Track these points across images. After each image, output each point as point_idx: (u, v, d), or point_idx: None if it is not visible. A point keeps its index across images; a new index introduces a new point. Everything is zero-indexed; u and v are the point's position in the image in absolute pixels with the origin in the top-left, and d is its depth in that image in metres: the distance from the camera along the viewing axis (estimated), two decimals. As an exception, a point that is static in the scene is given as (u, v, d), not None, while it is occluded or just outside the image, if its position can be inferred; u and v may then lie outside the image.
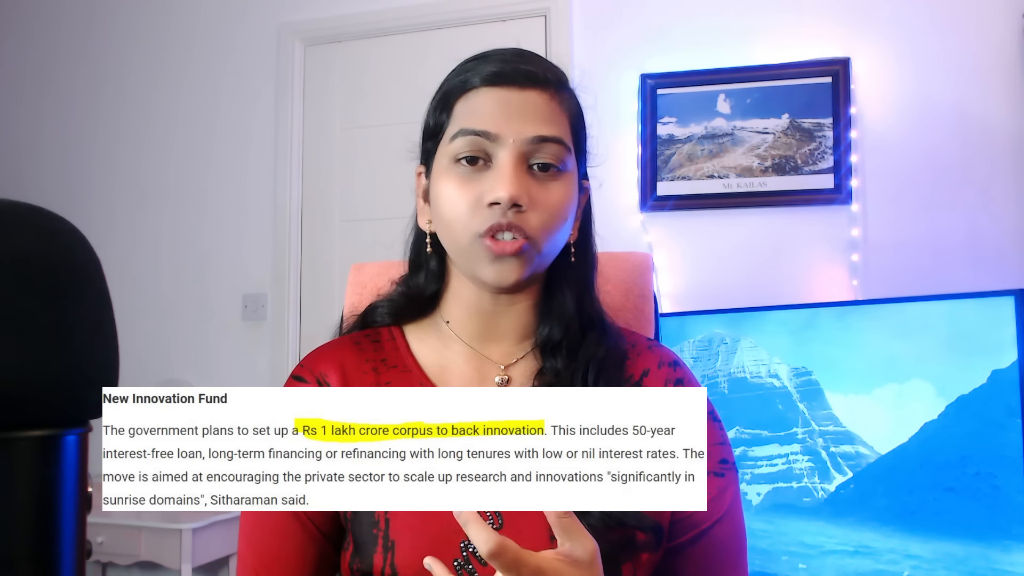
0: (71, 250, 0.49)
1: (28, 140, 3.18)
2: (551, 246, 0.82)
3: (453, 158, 0.81)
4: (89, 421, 0.50)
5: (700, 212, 2.44)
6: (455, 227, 0.80)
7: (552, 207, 0.80)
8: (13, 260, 0.46)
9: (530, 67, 0.82)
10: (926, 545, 1.61)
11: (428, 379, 0.86)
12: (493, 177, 0.79)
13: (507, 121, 0.79)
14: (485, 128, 0.79)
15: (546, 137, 0.80)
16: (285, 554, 0.82)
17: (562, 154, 0.81)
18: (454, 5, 2.72)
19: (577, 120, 0.86)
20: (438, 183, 0.83)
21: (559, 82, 0.84)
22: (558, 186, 0.81)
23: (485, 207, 0.78)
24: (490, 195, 0.78)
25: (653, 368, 0.88)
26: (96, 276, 0.51)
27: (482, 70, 0.82)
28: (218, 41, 2.99)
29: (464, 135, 0.80)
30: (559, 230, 0.81)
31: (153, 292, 2.96)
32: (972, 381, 1.59)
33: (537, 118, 0.80)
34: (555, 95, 0.82)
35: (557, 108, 0.82)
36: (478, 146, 0.80)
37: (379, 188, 2.75)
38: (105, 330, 0.51)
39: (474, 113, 0.80)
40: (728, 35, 2.45)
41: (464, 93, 0.82)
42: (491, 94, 0.80)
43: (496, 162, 0.79)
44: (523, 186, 0.78)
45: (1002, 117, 2.25)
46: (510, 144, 0.79)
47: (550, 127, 0.80)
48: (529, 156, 0.80)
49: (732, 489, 0.85)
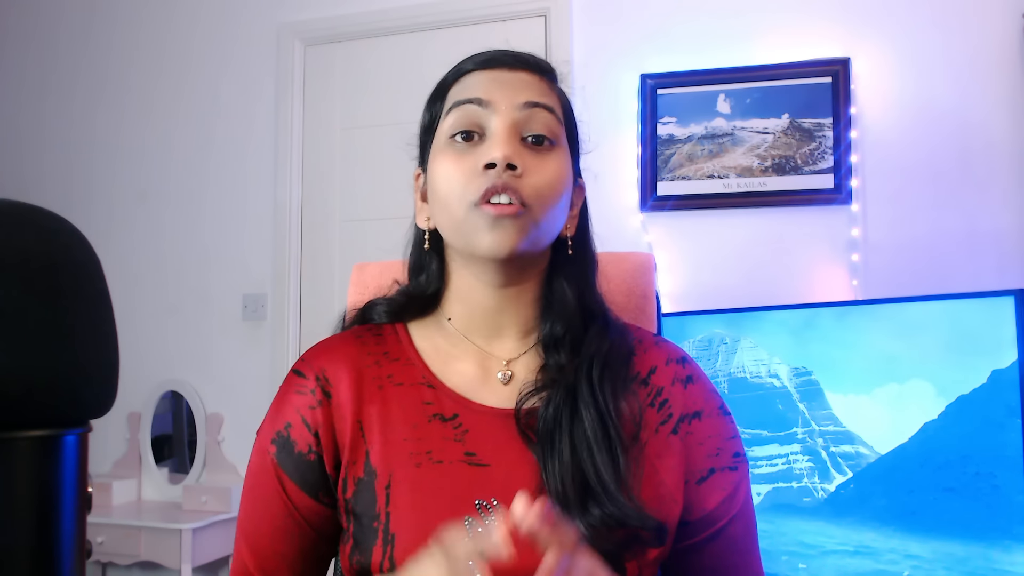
0: (71, 250, 0.49)
1: (28, 140, 3.18)
2: (547, 219, 0.81)
3: (448, 136, 0.83)
4: (89, 421, 0.50)
5: (700, 212, 2.44)
6: (451, 200, 0.81)
7: (547, 175, 0.81)
8: (13, 260, 0.46)
9: (521, 55, 0.86)
10: (926, 545, 1.61)
11: (431, 372, 0.85)
12: (487, 144, 0.81)
13: (499, 90, 0.82)
14: (478, 95, 0.82)
15: (538, 103, 0.82)
16: (281, 548, 0.83)
17: (554, 126, 0.83)
18: (454, 5, 2.72)
19: (568, 112, 0.88)
20: (434, 166, 0.84)
21: (549, 71, 0.88)
22: (552, 158, 0.82)
23: (480, 173, 0.79)
24: (485, 157, 0.79)
25: (660, 365, 0.87)
26: (96, 276, 0.51)
27: (475, 58, 0.86)
28: (218, 41, 2.98)
29: (457, 106, 0.83)
30: (555, 202, 0.82)
31: (153, 292, 2.96)
32: (972, 381, 1.59)
33: (530, 89, 0.83)
34: (546, 80, 0.86)
35: (547, 89, 0.85)
36: (472, 117, 0.82)
37: (379, 188, 2.75)
38: (105, 330, 0.51)
39: (467, 88, 0.84)
40: (728, 35, 2.45)
41: (457, 79, 0.86)
42: (484, 74, 0.85)
43: (489, 131, 0.81)
44: (517, 150, 0.80)
45: (1002, 117, 2.25)
46: (503, 110, 0.81)
47: (542, 96, 0.83)
48: (522, 126, 0.81)
49: (745, 482, 0.85)
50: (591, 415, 0.79)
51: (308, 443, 0.82)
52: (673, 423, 0.84)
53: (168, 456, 2.97)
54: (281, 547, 0.83)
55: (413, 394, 0.84)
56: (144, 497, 2.90)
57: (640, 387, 0.85)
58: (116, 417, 2.95)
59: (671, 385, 0.86)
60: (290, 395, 0.85)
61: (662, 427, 0.83)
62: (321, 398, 0.83)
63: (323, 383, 0.84)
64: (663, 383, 0.86)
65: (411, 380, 0.85)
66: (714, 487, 0.83)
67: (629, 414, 0.82)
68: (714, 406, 0.86)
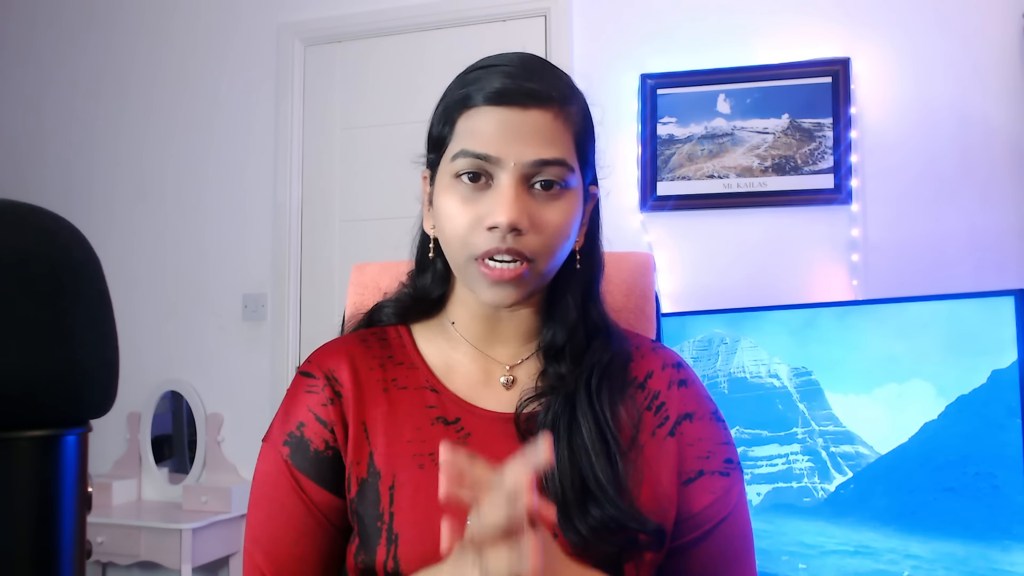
0: (71, 250, 0.49)
1: (28, 140, 3.18)
2: (552, 266, 0.81)
3: (454, 175, 0.80)
4: (89, 421, 0.50)
5: (700, 212, 2.44)
6: (454, 245, 0.80)
7: (553, 228, 0.79)
8: (13, 260, 0.46)
9: (534, 84, 0.79)
10: (926, 545, 1.61)
11: (435, 377, 0.86)
12: (493, 199, 0.77)
13: (508, 143, 0.77)
14: (486, 152, 0.77)
15: (548, 160, 0.78)
16: (299, 551, 0.82)
17: (564, 174, 0.79)
18: (454, 5, 2.72)
19: (582, 134, 0.83)
20: (440, 197, 0.82)
21: (564, 97, 0.81)
22: (560, 205, 0.79)
23: (484, 229, 0.78)
24: (489, 219, 0.77)
25: (657, 370, 0.88)
26: (96, 276, 0.51)
27: (484, 86, 0.79)
28: (218, 41, 2.98)
29: (465, 156, 0.78)
30: (560, 249, 0.81)
31: (153, 292, 2.96)
32: (972, 381, 1.59)
33: (539, 140, 0.78)
34: (559, 112, 0.80)
35: (561, 127, 0.80)
36: (479, 167, 0.78)
37: (379, 188, 2.75)
38: (105, 330, 0.51)
39: (475, 134, 0.78)
40: (728, 35, 2.45)
41: (466, 110, 0.80)
42: (492, 114, 0.78)
43: (497, 183, 0.78)
44: (523, 209, 0.77)
45: (1002, 117, 2.24)
46: (511, 167, 0.77)
47: (552, 149, 0.78)
48: (530, 177, 0.79)
49: (737, 488, 0.85)
50: (588, 423, 0.80)
51: (324, 439, 0.83)
52: (670, 426, 0.85)
53: (168, 456, 2.97)
54: (300, 550, 0.82)
55: (417, 397, 0.85)
56: (144, 497, 2.90)
57: (637, 391, 0.86)
58: (116, 417, 2.95)
59: (667, 389, 0.87)
60: (301, 395, 0.85)
61: (659, 430, 0.84)
62: (332, 396, 0.84)
63: (332, 382, 0.85)
64: (659, 387, 0.87)
65: (415, 384, 0.86)
66: (702, 490, 0.83)
67: (627, 419, 0.82)
68: (707, 410, 0.87)
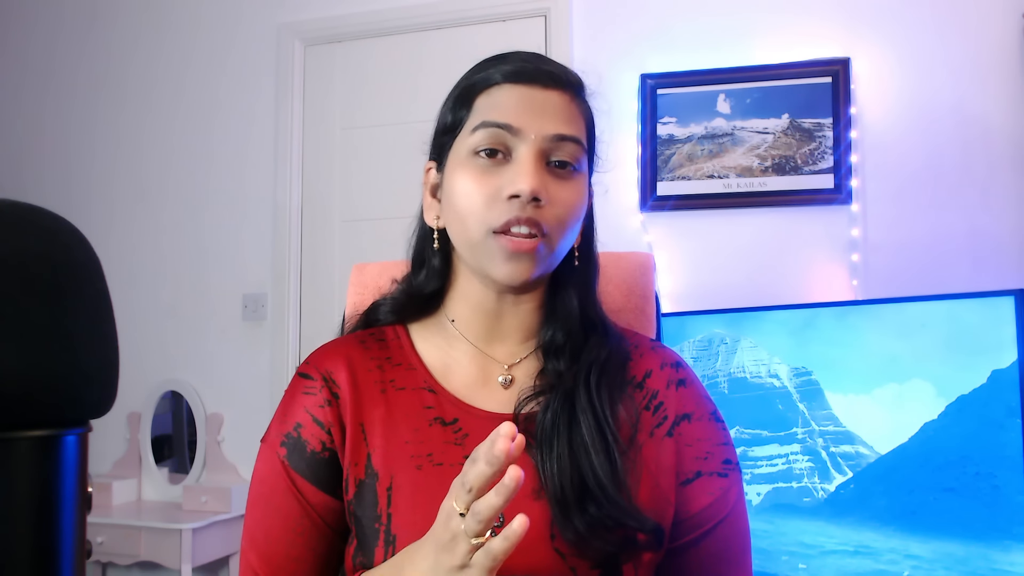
0: (71, 250, 0.49)
1: (28, 140, 3.18)
2: (563, 244, 0.83)
3: (472, 150, 0.81)
4: (89, 421, 0.50)
5: (700, 212, 2.44)
6: (469, 221, 0.81)
7: (568, 204, 0.81)
8: (13, 260, 0.46)
9: (551, 68, 0.84)
10: (926, 545, 1.61)
11: (432, 377, 0.86)
12: (513, 170, 0.79)
13: (529, 117, 0.80)
14: (508, 121, 0.80)
15: (566, 136, 0.81)
16: (295, 552, 0.82)
17: (579, 154, 0.82)
18: (454, 5, 2.72)
19: (591, 126, 0.88)
20: (454, 176, 0.83)
21: (578, 85, 0.86)
22: (573, 185, 0.82)
23: (503, 200, 0.79)
24: (510, 188, 0.78)
25: (655, 369, 0.88)
26: (96, 276, 0.50)
27: (504, 68, 0.83)
28: (218, 41, 2.98)
29: (486, 127, 0.81)
30: (572, 228, 0.83)
31: (153, 292, 2.96)
32: (972, 381, 1.59)
33: (558, 117, 0.81)
34: (574, 97, 0.84)
35: (576, 110, 0.84)
36: (499, 139, 0.80)
37: (379, 188, 2.75)
38: (105, 330, 0.51)
39: (496, 107, 0.81)
40: (728, 35, 2.45)
41: (486, 88, 0.83)
42: (514, 90, 0.82)
43: (516, 156, 0.80)
44: (542, 181, 0.79)
45: (1002, 117, 2.25)
46: (531, 139, 0.80)
47: (570, 126, 0.82)
48: (548, 153, 0.81)
49: (736, 489, 0.85)
50: (588, 421, 0.80)
51: (321, 440, 0.83)
52: (668, 426, 0.85)
53: (168, 456, 2.97)
54: (296, 552, 0.82)
55: (414, 398, 0.85)
56: (144, 497, 2.90)
57: (636, 391, 0.86)
58: (116, 417, 2.95)
59: (666, 388, 0.87)
60: (298, 396, 0.86)
61: (657, 430, 0.84)
62: (329, 397, 0.84)
63: (330, 384, 0.85)
64: (658, 387, 0.87)
65: (413, 385, 0.86)
66: (700, 491, 0.83)
67: (625, 417, 0.82)
68: (705, 411, 0.87)
